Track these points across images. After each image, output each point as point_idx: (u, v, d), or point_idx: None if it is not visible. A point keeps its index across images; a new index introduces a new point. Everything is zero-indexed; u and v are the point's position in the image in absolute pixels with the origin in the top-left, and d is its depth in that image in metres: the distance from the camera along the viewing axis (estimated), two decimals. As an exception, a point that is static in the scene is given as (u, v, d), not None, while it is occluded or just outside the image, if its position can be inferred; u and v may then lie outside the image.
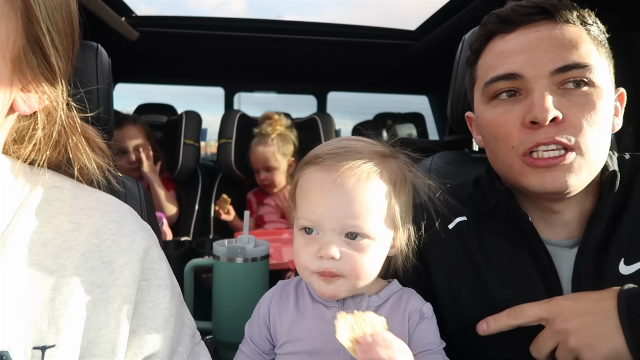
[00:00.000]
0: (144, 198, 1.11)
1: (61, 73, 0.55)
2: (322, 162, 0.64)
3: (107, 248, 0.53)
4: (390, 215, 0.65)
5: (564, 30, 0.67)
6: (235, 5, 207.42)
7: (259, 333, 0.71)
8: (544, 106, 0.64)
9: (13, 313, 0.47)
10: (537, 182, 0.67)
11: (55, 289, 0.49)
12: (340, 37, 2.26)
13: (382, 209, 0.64)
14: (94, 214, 0.56)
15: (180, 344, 0.58)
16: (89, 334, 0.50)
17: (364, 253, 0.63)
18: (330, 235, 0.63)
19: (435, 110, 3.12)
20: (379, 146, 0.69)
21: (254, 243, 1.07)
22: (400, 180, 0.68)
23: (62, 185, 0.58)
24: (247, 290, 1.04)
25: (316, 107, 3.11)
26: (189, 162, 2.22)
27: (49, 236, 0.52)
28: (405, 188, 0.69)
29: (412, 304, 0.68)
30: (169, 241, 1.90)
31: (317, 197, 0.63)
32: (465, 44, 1.10)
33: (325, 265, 0.63)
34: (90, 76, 1.05)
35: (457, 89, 1.09)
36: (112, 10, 1.81)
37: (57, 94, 0.55)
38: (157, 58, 2.58)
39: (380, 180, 0.64)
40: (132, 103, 2.98)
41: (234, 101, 3.08)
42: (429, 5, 1.98)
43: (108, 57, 1.11)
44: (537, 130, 0.66)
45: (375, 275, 0.66)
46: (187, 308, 0.65)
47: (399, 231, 0.68)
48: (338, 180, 0.62)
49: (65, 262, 0.51)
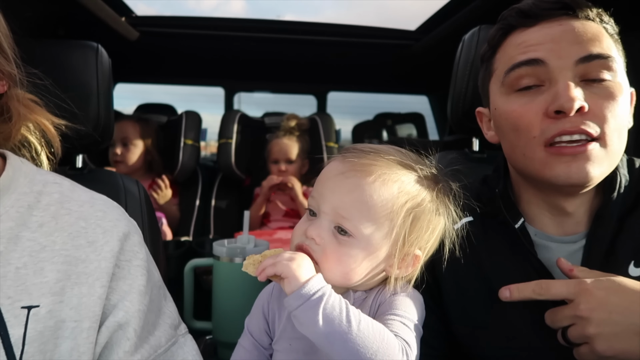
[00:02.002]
0: (144, 198, 1.11)
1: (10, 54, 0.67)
2: (347, 155, 0.66)
3: (92, 230, 0.63)
4: (388, 230, 0.63)
5: (585, 25, 0.68)
6: (234, 5, 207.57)
7: (258, 327, 0.71)
8: (570, 95, 0.64)
9: (8, 277, 0.56)
10: (563, 172, 0.66)
11: (45, 260, 0.58)
12: (340, 37, 2.26)
13: (378, 217, 0.62)
14: (85, 204, 0.65)
15: (158, 328, 0.65)
16: (71, 301, 0.58)
17: (344, 249, 0.63)
18: (323, 219, 0.64)
19: (435, 110, 3.12)
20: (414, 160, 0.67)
21: (254, 243, 1.07)
22: (418, 207, 0.64)
23: (62, 183, 0.67)
24: (247, 290, 1.04)
25: (316, 107, 3.12)
26: (189, 162, 2.22)
27: (45, 219, 0.61)
28: (421, 220, 0.64)
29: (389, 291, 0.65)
30: (169, 241, 1.90)
31: (324, 182, 0.66)
32: (466, 44, 1.10)
33: (306, 242, 0.64)
34: (90, 76, 1.05)
35: (457, 89, 1.09)
36: (112, 10, 1.81)
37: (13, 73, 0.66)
38: (157, 58, 2.58)
39: (388, 188, 0.62)
40: (132, 103, 2.98)
41: (234, 101, 3.08)
42: (429, 5, 1.98)
43: (108, 57, 1.11)
44: (561, 119, 0.66)
45: (351, 279, 0.64)
46: (171, 302, 0.71)
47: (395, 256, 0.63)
48: (347, 172, 0.63)
49: (56, 240, 0.60)
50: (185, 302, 1.14)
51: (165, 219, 2.03)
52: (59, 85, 1.04)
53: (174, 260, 1.76)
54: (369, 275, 0.65)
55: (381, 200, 0.62)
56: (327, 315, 0.55)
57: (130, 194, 1.09)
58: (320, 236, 0.63)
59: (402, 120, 3.34)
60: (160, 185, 2.13)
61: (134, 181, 1.13)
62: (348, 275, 0.63)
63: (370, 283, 0.67)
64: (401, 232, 0.63)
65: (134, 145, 2.11)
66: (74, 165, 1.15)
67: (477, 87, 1.07)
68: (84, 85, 1.04)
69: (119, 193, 1.08)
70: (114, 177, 1.12)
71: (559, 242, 0.73)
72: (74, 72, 1.05)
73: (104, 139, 1.08)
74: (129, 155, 2.10)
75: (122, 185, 1.10)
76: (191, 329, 1.16)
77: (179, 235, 2.12)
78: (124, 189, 1.09)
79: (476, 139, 1.19)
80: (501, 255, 0.75)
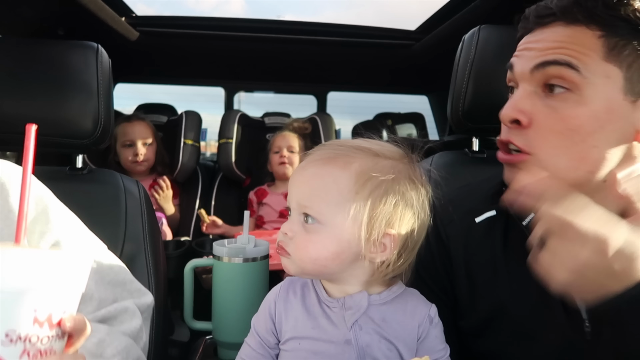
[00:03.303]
0: (144, 198, 1.11)
1: None
2: (309, 152, 0.68)
3: None
4: (353, 212, 0.62)
5: (568, 31, 0.63)
6: (233, 5, 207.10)
7: (265, 327, 0.71)
8: (509, 104, 0.66)
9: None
10: (505, 177, 0.70)
11: None
12: (340, 37, 2.26)
13: (339, 199, 0.62)
14: None
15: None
16: None
17: (311, 236, 0.63)
18: (293, 214, 0.66)
19: (435, 110, 3.11)
20: (378, 145, 0.67)
21: (254, 243, 1.07)
22: (379, 187, 0.63)
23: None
24: (247, 290, 1.04)
25: (316, 107, 3.11)
26: (189, 162, 2.22)
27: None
28: (389, 195, 0.63)
29: (420, 309, 0.67)
30: (169, 241, 1.90)
31: (290, 180, 0.68)
32: (466, 44, 1.10)
33: (280, 238, 0.67)
34: (90, 76, 1.05)
35: (457, 89, 1.09)
36: (112, 10, 1.81)
37: None
38: (157, 58, 2.58)
39: (346, 169, 0.63)
40: (132, 103, 2.98)
41: (234, 101, 3.08)
42: (429, 5, 1.98)
43: (108, 57, 1.11)
44: (504, 127, 0.68)
45: (325, 265, 0.64)
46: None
47: (362, 233, 0.62)
48: (306, 165, 0.66)
49: None
50: (185, 302, 1.14)
51: (165, 219, 2.03)
52: (59, 85, 1.04)
53: (174, 260, 1.75)
54: (343, 261, 0.64)
55: (339, 183, 0.62)
56: None
57: (130, 194, 1.09)
58: (292, 230, 0.65)
59: (402, 120, 3.34)
60: (162, 185, 2.13)
61: (134, 181, 1.13)
62: (318, 261, 0.64)
63: (359, 274, 0.66)
64: (364, 211, 0.62)
65: (152, 145, 2.13)
66: (74, 165, 1.15)
67: (476, 87, 1.07)
68: (84, 85, 1.04)
69: (119, 193, 1.08)
70: (114, 177, 1.12)
71: None
72: (74, 72, 1.05)
73: (104, 139, 1.08)
74: (150, 155, 2.12)
75: (122, 185, 1.10)
76: (191, 329, 1.16)
77: (179, 235, 2.12)
78: (124, 189, 1.09)
79: (476, 138, 1.19)
80: (517, 254, 0.73)
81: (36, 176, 0.83)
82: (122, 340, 0.73)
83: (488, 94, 1.04)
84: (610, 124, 0.62)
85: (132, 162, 2.08)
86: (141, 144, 2.09)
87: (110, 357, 0.69)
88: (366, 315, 0.65)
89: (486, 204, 0.77)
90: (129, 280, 0.85)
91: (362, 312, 0.65)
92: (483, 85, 1.06)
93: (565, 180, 0.64)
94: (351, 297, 0.67)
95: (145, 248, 1.05)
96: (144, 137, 2.10)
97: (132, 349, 0.74)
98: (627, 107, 0.62)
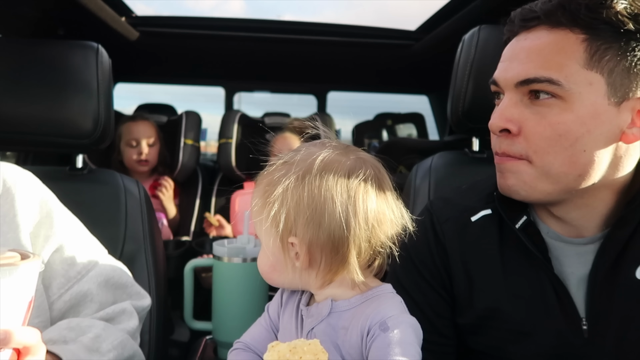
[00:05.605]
0: (144, 198, 1.11)
1: None
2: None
3: None
4: (263, 224, 0.64)
5: (551, 37, 0.64)
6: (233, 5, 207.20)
7: (277, 312, 0.72)
8: (496, 114, 0.68)
9: None
10: (498, 182, 0.71)
11: None
12: (340, 37, 2.26)
13: (256, 215, 0.66)
14: None
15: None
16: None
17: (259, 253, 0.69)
18: None
19: (435, 110, 3.12)
20: (294, 152, 0.72)
21: (254, 243, 1.07)
22: (273, 195, 0.63)
23: None
24: (247, 290, 1.04)
25: (316, 107, 3.12)
26: (189, 162, 2.23)
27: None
28: (283, 204, 0.62)
29: (378, 314, 0.59)
30: (169, 241, 1.90)
31: None
32: (466, 44, 1.10)
33: None
34: (90, 76, 1.05)
35: (457, 89, 1.09)
36: (112, 10, 1.81)
37: None
38: (157, 58, 2.58)
39: (259, 189, 0.68)
40: (132, 103, 2.98)
41: (234, 101, 3.08)
42: (429, 5, 1.98)
43: (108, 57, 1.11)
44: (493, 135, 0.70)
45: (271, 278, 0.68)
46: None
47: (273, 243, 0.63)
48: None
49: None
50: (185, 302, 1.14)
51: (165, 219, 2.03)
52: (59, 85, 1.04)
53: (173, 260, 1.76)
54: (281, 272, 0.66)
55: (254, 200, 0.67)
56: None
57: (130, 194, 1.09)
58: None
59: (402, 120, 3.34)
60: (165, 185, 2.13)
61: (134, 181, 1.13)
62: (265, 274, 0.68)
63: (310, 282, 0.65)
64: (267, 223, 0.63)
65: (155, 145, 2.13)
66: (74, 165, 1.15)
67: (476, 87, 1.07)
68: (84, 85, 1.04)
69: (119, 193, 1.08)
70: (114, 177, 1.12)
71: (566, 242, 0.72)
72: (74, 72, 1.05)
73: (104, 139, 1.08)
74: (153, 156, 2.12)
75: (122, 185, 1.10)
76: (191, 328, 1.16)
77: (179, 235, 2.12)
78: (124, 189, 1.09)
79: (476, 138, 1.19)
80: (514, 252, 0.74)
81: (36, 176, 0.83)
82: (117, 336, 0.74)
83: (488, 94, 1.04)
84: (597, 128, 0.63)
85: (136, 161, 2.08)
86: (145, 143, 2.09)
87: (106, 351, 0.70)
88: (326, 322, 0.63)
89: (482, 203, 0.78)
90: (130, 283, 0.86)
91: (320, 320, 0.63)
92: (483, 85, 1.05)
93: (558, 185, 0.66)
94: (317, 305, 0.65)
95: (145, 248, 1.05)
96: (149, 137, 2.10)
97: (127, 343, 0.75)
98: (612, 111, 0.63)
